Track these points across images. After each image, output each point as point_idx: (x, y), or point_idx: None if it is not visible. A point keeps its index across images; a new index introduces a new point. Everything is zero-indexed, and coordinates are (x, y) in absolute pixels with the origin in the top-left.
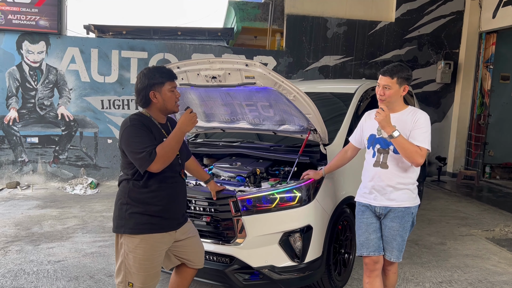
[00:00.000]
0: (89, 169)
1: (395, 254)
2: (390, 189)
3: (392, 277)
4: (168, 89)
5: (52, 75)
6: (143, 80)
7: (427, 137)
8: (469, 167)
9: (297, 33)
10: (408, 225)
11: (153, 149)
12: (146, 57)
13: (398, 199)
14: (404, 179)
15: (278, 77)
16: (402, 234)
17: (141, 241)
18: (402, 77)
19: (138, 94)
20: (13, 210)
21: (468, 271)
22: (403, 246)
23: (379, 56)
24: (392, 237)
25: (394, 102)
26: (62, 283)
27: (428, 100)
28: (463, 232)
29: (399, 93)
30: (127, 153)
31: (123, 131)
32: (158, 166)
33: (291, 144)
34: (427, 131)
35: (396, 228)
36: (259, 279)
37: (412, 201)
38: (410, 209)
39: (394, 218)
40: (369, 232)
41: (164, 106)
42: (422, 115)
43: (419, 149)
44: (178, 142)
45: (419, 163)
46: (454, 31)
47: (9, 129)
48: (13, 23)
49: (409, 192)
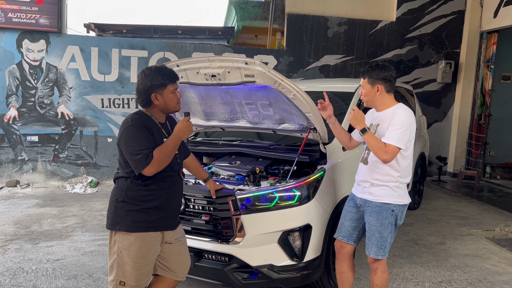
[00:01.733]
0: (89, 168)
1: (373, 250)
2: (368, 184)
3: (380, 275)
4: (170, 91)
5: (52, 74)
6: (145, 81)
7: (397, 134)
8: (470, 167)
9: (297, 32)
10: (387, 222)
11: (150, 152)
12: (146, 56)
13: (375, 194)
14: (382, 176)
15: (278, 76)
16: (380, 230)
17: (136, 239)
18: (373, 77)
19: (139, 95)
20: (12, 208)
21: (468, 270)
22: (383, 244)
23: (379, 56)
24: (370, 233)
25: (372, 102)
26: (61, 282)
27: (429, 99)
28: (463, 232)
29: (373, 93)
30: (125, 153)
31: (123, 130)
32: (152, 169)
33: (290, 143)
34: (400, 128)
35: (374, 223)
36: (258, 278)
37: (392, 198)
38: (389, 206)
39: (371, 213)
40: (345, 219)
41: (165, 107)
42: (401, 112)
43: (383, 146)
44: (175, 149)
45: (384, 160)
46: (455, 30)
47: (9, 127)
48: (13, 21)
49: (387, 189)
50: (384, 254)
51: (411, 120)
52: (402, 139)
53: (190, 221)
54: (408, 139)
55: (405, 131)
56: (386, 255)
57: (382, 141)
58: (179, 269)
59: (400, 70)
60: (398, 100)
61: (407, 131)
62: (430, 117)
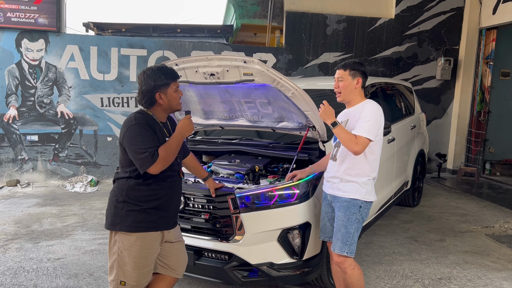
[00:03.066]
0: (89, 167)
1: (338, 246)
2: (337, 180)
3: (351, 273)
4: (173, 89)
5: (52, 73)
6: (148, 81)
7: (367, 127)
8: (469, 164)
9: (296, 30)
10: (354, 218)
11: (155, 150)
12: (146, 55)
13: (343, 189)
14: (350, 171)
15: (276, 74)
16: (347, 225)
17: (137, 239)
18: (355, 69)
19: (143, 95)
20: (13, 208)
21: (467, 267)
22: (349, 239)
23: (379, 53)
24: (337, 228)
25: (349, 95)
26: (62, 281)
27: (428, 97)
28: (462, 229)
29: (353, 85)
30: (129, 152)
31: (126, 129)
32: (158, 168)
33: (290, 141)
34: (369, 121)
35: (341, 218)
36: (258, 276)
37: (359, 194)
38: (357, 201)
39: (340, 208)
40: (325, 220)
41: (169, 106)
42: (370, 105)
43: (354, 137)
44: (178, 146)
45: (355, 151)
46: (454, 27)
47: (8, 127)
48: (12, 21)
49: (356, 185)
50: (350, 251)
51: (380, 114)
52: (372, 131)
53: (190, 220)
54: (377, 131)
55: (375, 124)
56: (352, 253)
57: (353, 133)
58: (178, 267)
59: (399, 67)
60: (397, 97)
61: (376, 124)
62: (430, 114)
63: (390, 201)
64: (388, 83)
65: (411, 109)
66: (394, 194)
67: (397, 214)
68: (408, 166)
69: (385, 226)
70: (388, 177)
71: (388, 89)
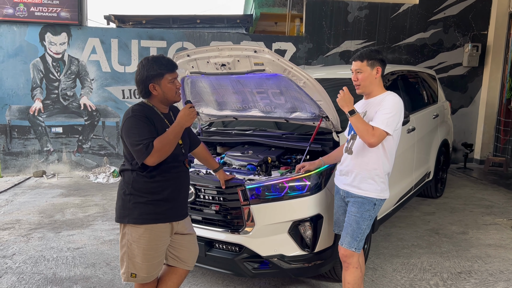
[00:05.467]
0: (112, 158)
1: (346, 241)
2: (353, 174)
3: (352, 272)
4: (168, 80)
5: (74, 66)
6: (142, 72)
7: (386, 119)
8: (498, 154)
9: (316, 18)
10: (367, 215)
11: (150, 142)
12: (165, 46)
13: (358, 187)
14: (366, 166)
15: (287, 63)
16: (359, 221)
17: (145, 231)
18: (373, 58)
19: (137, 86)
20: (38, 198)
21: (489, 261)
22: (359, 235)
23: (402, 40)
24: (348, 222)
25: (369, 86)
26: (80, 270)
27: (455, 84)
28: (487, 221)
29: (373, 76)
30: (127, 144)
31: (124, 122)
32: (154, 159)
33: (304, 132)
34: (389, 113)
35: (354, 213)
36: (269, 268)
37: (375, 192)
38: (372, 199)
39: (354, 203)
40: (339, 213)
41: (164, 98)
42: (390, 97)
43: (371, 129)
44: (176, 137)
45: (370, 143)
46: (482, 11)
47: (34, 119)
48: (36, 15)
49: (371, 182)
50: (358, 247)
51: (401, 107)
52: (391, 124)
53: (201, 211)
54: (396, 126)
55: (394, 117)
56: (359, 250)
57: (370, 124)
58: (189, 259)
59: (424, 55)
60: (419, 85)
61: (396, 117)
62: (456, 102)
63: (410, 192)
64: (410, 71)
65: (434, 98)
66: (415, 185)
67: (418, 205)
68: (430, 157)
69: (405, 218)
70: (408, 168)
71: (410, 77)
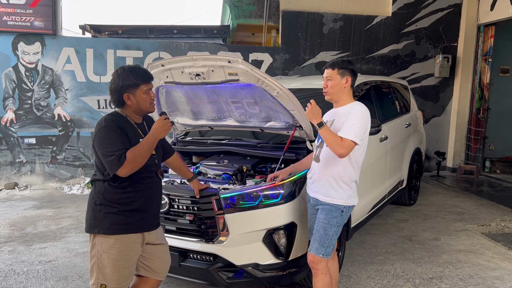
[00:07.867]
0: (87, 169)
1: (314, 247)
2: (320, 182)
3: (321, 278)
4: (144, 91)
5: (48, 76)
6: (117, 81)
7: (354, 129)
8: (469, 162)
9: (293, 30)
10: (335, 222)
11: (123, 153)
12: (142, 56)
13: (326, 194)
14: (333, 174)
15: (261, 74)
16: (326, 227)
17: (115, 241)
18: (344, 67)
19: (111, 95)
20: (9, 211)
21: (460, 266)
22: (326, 242)
23: (376, 51)
24: (317, 229)
25: (337, 94)
26: (51, 283)
27: (427, 94)
28: (458, 227)
29: (342, 84)
30: (99, 154)
31: (97, 131)
32: (126, 170)
33: (279, 141)
34: (357, 123)
35: (322, 219)
36: (243, 277)
37: (342, 199)
38: (340, 206)
39: (322, 210)
40: (312, 221)
41: (138, 108)
42: (358, 107)
43: (340, 140)
44: (150, 148)
45: (340, 154)
46: (452, 24)
47: (6, 130)
48: (8, 24)
49: (339, 189)
50: (325, 253)
51: (368, 117)
52: (359, 134)
53: (175, 221)
54: (363, 135)
55: (362, 127)
56: (327, 256)
57: (339, 135)
58: (161, 269)
59: (397, 65)
60: (391, 95)
61: (363, 127)
62: (429, 112)
63: (384, 200)
64: (383, 81)
65: (407, 107)
66: (389, 193)
67: (392, 213)
68: (403, 165)
69: (380, 225)
70: (381, 176)
71: (383, 87)
